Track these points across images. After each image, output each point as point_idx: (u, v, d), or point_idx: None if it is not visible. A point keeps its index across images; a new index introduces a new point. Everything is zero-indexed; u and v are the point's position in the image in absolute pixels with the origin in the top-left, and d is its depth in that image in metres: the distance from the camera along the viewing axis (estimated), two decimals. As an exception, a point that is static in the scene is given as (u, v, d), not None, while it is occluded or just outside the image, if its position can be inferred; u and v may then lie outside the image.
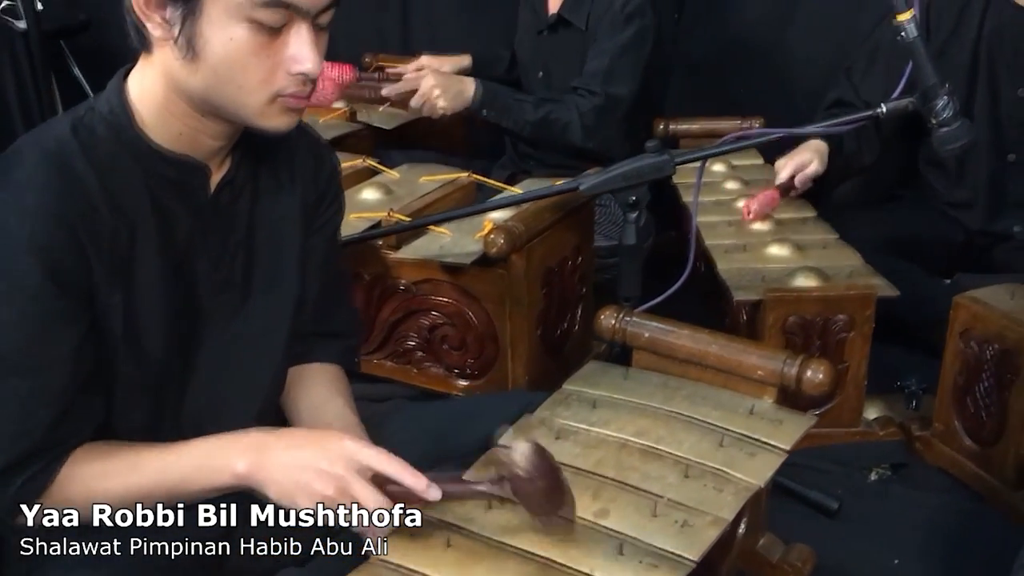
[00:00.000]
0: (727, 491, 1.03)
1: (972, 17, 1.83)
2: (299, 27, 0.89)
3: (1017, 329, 1.34)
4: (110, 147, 0.92)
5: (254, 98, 0.90)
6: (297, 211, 1.07)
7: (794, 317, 1.48)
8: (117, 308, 0.91)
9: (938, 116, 1.32)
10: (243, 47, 0.87)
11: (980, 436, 1.43)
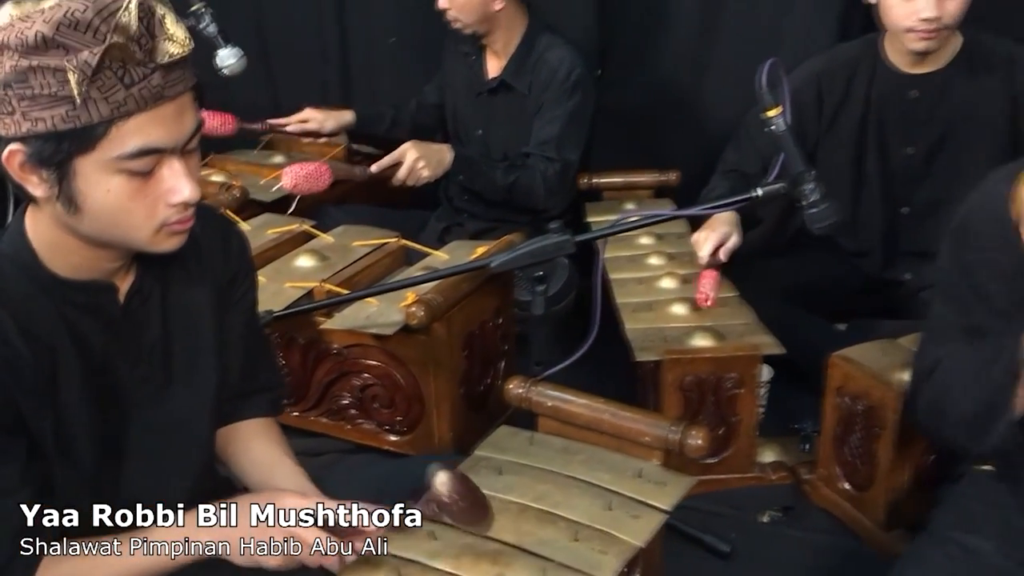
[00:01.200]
0: (611, 552, 1.17)
1: (860, 84, 1.98)
2: (170, 162, 0.96)
3: (882, 387, 1.50)
4: (19, 284, 1.00)
5: (142, 233, 0.98)
6: (209, 296, 1.16)
7: (690, 376, 1.63)
8: (47, 429, 1.00)
9: (807, 199, 1.47)
10: (122, 195, 0.95)
11: (856, 481, 1.58)
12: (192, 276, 1.14)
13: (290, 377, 1.77)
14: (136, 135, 0.92)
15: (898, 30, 1.83)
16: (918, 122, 1.94)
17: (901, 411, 1.46)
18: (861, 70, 1.97)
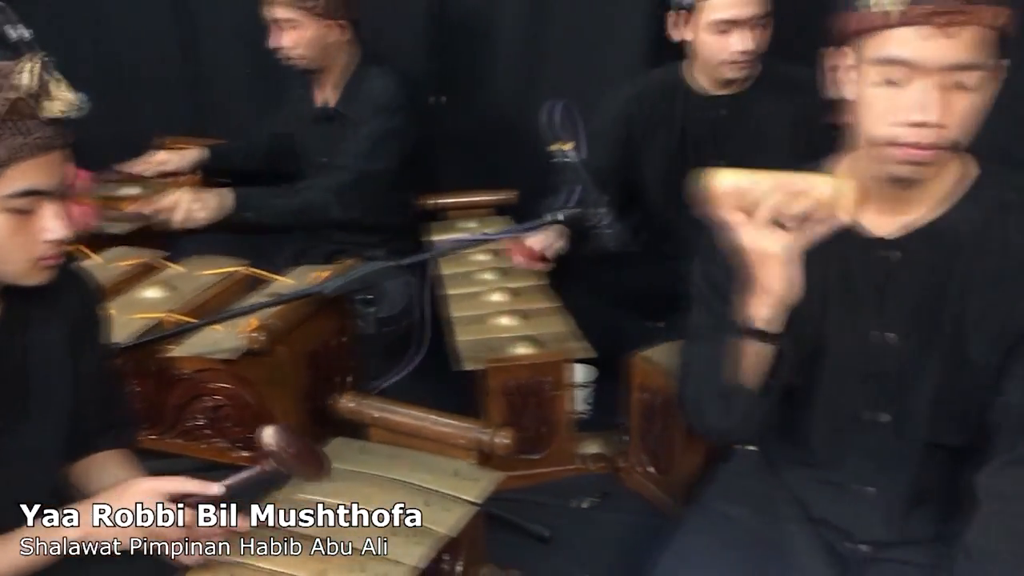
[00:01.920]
0: (424, 543, 1.34)
1: (675, 107, 2.21)
2: (50, 203, 1.13)
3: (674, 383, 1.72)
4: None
5: (17, 266, 1.15)
6: (66, 335, 1.29)
7: (512, 381, 1.82)
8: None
9: (601, 222, 1.68)
10: (5, 230, 1.11)
11: (658, 466, 1.80)
12: (51, 315, 1.27)
13: (144, 403, 1.88)
14: (24, 178, 1.10)
15: (714, 63, 2.06)
16: (724, 138, 2.18)
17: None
18: (672, 92, 2.20)
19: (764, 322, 1.25)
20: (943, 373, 1.33)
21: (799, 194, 1.17)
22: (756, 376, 1.31)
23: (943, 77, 1.16)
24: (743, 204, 1.19)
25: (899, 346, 1.34)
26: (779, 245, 1.18)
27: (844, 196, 1.17)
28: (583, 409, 2.07)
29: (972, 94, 1.18)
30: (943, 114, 1.17)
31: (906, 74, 1.18)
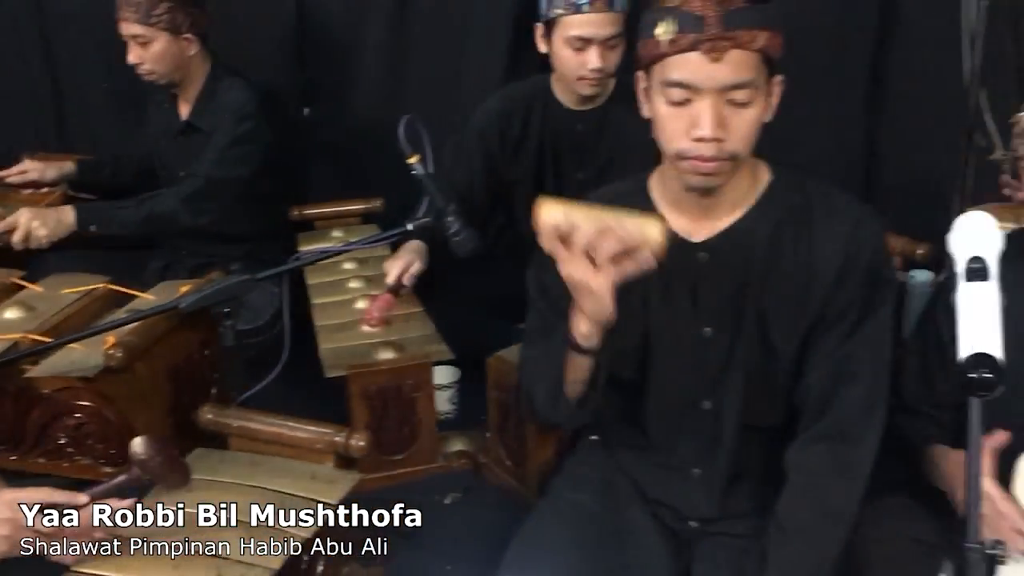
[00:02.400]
0: (280, 545, 1.40)
1: (536, 117, 2.30)
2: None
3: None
4: None
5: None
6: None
7: (373, 386, 1.88)
8: None
9: (450, 230, 1.76)
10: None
11: (515, 460, 1.90)
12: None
13: (4, 423, 1.87)
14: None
15: (571, 79, 2.16)
16: (585, 151, 2.28)
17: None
18: (536, 107, 2.29)
19: (582, 338, 1.36)
20: (753, 362, 1.46)
21: (613, 235, 1.27)
22: (579, 380, 1.42)
23: (717, 96, 1.29)
24: (564, 237, 1.29)
25: (714, 339, 1.47)
26: (592, 279, 1.28)
27: (654, 238, 1.27)
28: (448, 409, 2.16)
29: (745, 109, 1.32)
30: (720, 129, 1.31)
31: (686, 95, 1.31)
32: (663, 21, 1.31)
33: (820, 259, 1.41)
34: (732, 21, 1.28)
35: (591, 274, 1.28)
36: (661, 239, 1.27)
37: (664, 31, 1.30)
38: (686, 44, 1.29)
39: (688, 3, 1.29)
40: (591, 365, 1.40)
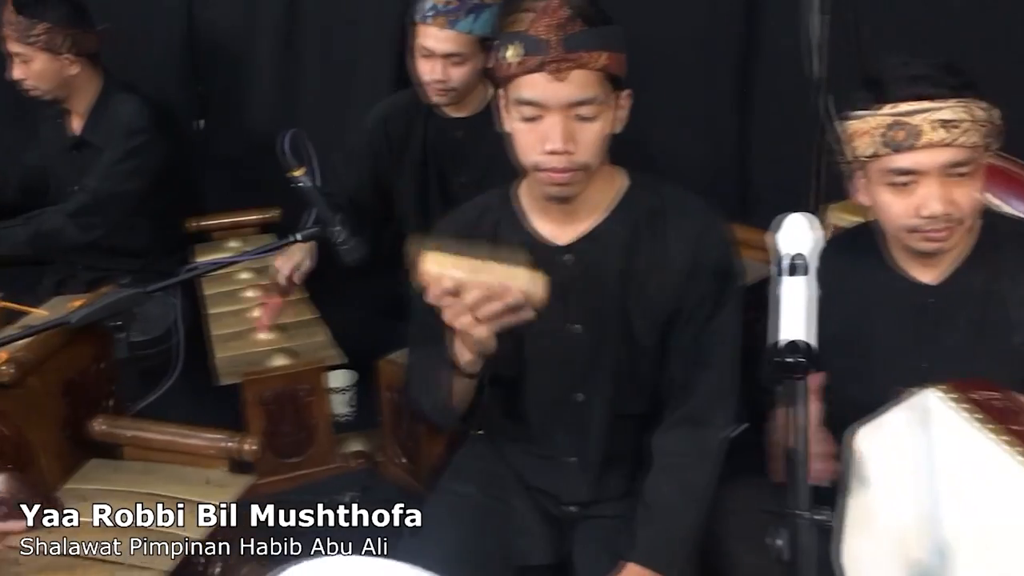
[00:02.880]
0: (173, 548, 1.46)
1: (418, 126, 2.38)
2: None
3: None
4: None
5: None
6: None
7: (268, 391, 1.95)
8: None
9: (337, 239, 1.83)
10: None
11: (409, 457, 1.99)
12: None
13: None
14: None
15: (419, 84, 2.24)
16: (465, 156, 2.37)
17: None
18: (418, 114, 2.37)
19: (466, 365, 1.45)
20: (619, 356, 1.58)
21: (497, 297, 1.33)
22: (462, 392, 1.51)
23: (564, 112, 1.41)
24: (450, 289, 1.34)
25: (583, 335, 1.58)
26: (475, 330, 1.36)
27: (535, 295, 1.35)
28: (347, 411, 2.23)
29: (592, 123, 1.43)
30: (569, 143, 1.42)
31: (537, 112, 1.42)
32: (512, 44, 1.41)
33: (674, 258, 1.53)
34: (573, 44, 1.39)
35: (474, 325, 1.36)
36: (542, 295, 1.35)
37: (513, 54, 1.40)
38: (533, 65, 1.39)
39: (533, 28, 1.40)
40: (472, 384, 1.50)
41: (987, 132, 1.43)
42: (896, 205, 1.47)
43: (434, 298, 1.37)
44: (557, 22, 1.40)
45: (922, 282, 1.56)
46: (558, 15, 1.40)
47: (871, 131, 1.46)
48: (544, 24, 1.40)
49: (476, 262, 1.37)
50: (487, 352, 1.40)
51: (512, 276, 1.35)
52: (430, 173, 2.40)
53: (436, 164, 2.39)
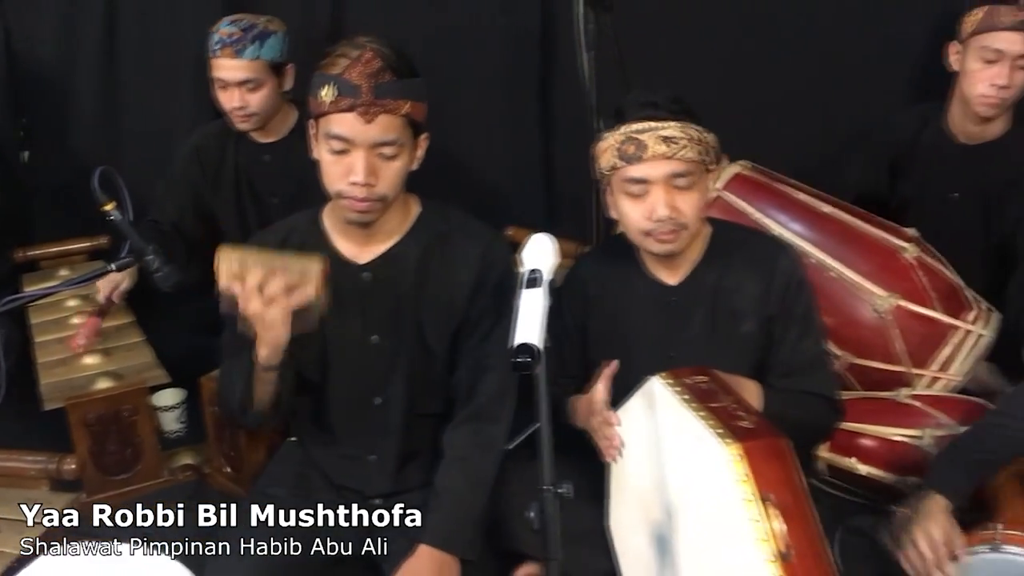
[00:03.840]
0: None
1: (230, 151, 2.49)
2: None
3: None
4: None
5: None
6: None
7: (92, 414, 2.04)
8: None
9: (152, 267, 1.96)
10: None
11: (234, 466, 2.13)
12: None
13: None
14: None
15: (223, 113, 2.38)
16: (276, 178, 2.49)
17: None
18: (229, 142, 2.49)
19: (264, 359, 1.62)
20: (414, 362, 1.77)
21: (279, 276, 1.53)
22: (267, 390, 1.68)
23: (368, 150, 1.60)
24: (239, 276, 1.54)
25: (380, 345, 1.76)
26: (265, 313, 1.54)
27: (312, 277, 1.55)
28: (177, 428, 2.34)
29: (393, 162, 1.63)
30: (371, 176, 1.61)
31: (344, 146, 1.61)
32: (327, 85, 1.59)
33: (460, 275, 1.74)
34: (381, 92, 1.58)
35: (264, 308, 1.54)
36: (321, 277, 1.54)
37: (327, 93, 1.58)
38: (345, 106, 1.58)
39: (347, 73, 1.58)
40: (275, 378, 1.66)
41: (702, 151, 1.69)
42: (633, 212, 1.72)
43: (224, 286, 1.54)
44: (369, 71, 1.58)
45: (667, 283, 1.82)
46: (371, 65, 1.58)
47: (610, 148, 1.70)
48: (357, 71, 1.58)
49: (263, 255, 1.57)
50: (280, 345, 1.58)
51: (291, 260, 1.56)
52: (244, 195, 2.53)
53: (250, 187, 2.52)
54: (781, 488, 1.33)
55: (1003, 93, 2.22)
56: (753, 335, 1.80)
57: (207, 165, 2.47)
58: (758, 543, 1.29)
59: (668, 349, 1.79)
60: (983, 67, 2.22)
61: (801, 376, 1.79)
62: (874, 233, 2.22)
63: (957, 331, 2.13)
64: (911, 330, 2.13)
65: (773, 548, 1.28)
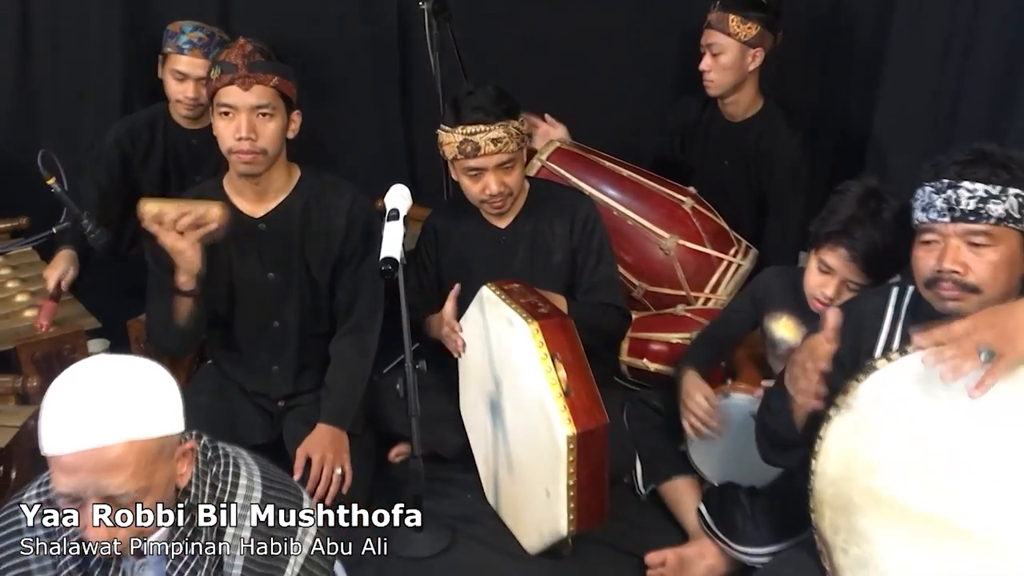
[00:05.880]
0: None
1: (159, 135, 2.88)
2: None
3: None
4: None
5: None
6: None
7: (39, 352, 2.48)
8: None
9: (86, 230, 2.41)
10: None
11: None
12: None
13: None
14: None
15: (173, 103, 2.83)
16: (200, 159, 2.91)
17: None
18: (158, 127, 2.91)
19: (182, 285, 2.12)
20: (303, 292, 2.31)
21: (188, 215, 2.04)
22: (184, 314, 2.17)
23: (249, 112, 2.11)
24: (159, 220, 2.04)
25: (276, 280, 2.29)
26: (179, 243, 2.05)
27: (215, 213, 2.07)
28: (104, 371, 2.79)
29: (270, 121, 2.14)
30: (251, 132, 2.12)
31: (230, 111, 2.12)
32: (214, 68, 2.14)
33: (334, 221, 2.29)
34: (254, 68, 2.12)
35: (178, 240, 2.05)
36: (220, 214, 2.06)
37: (214, 73, 2.12)
38: (227, 80, 2.10)
39: (227, 56, 2.12)
40: (191, 303, 2.16)
41: (520, 140, 2.29)
42: (472, 188, 2.31)
43: (148, 225, 2.03)
44: (244, 52, 2.12)
45: (498, 227, 2.42)
46: (245, 48, 2.13)
47: (451, 143, 2.27)
48: (235, 54, 2.12)
49: (175, 202, 2.09)
50: (193, 270, 2.09)
51: (199, 203, 2.07)
52: (171, 171, 2.95)
53: (176, 164, 2.94)
54: (565, 350, 1.94)
55: (707, 78, 2.88)
56: (562, 264, 2.42)
57: (137, 146, 2.88)
58: (550, 386, 1.89)
59: (500, 276, 2.39)
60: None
61: (596, 292, 2.42)
62: (661, 190, 2.87)
63: (723, 262, 2.80)
64: (689, 263, 2.80)
65: (560, 388, 1.89)
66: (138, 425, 1.23)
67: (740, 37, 2.82)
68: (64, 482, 1.21)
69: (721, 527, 2.01)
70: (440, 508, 2.23)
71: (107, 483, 1.20)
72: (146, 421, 1.24)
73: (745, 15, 2.80)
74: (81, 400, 1.21)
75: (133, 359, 1.32)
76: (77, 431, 1.19)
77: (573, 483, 1.87)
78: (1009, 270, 1.57)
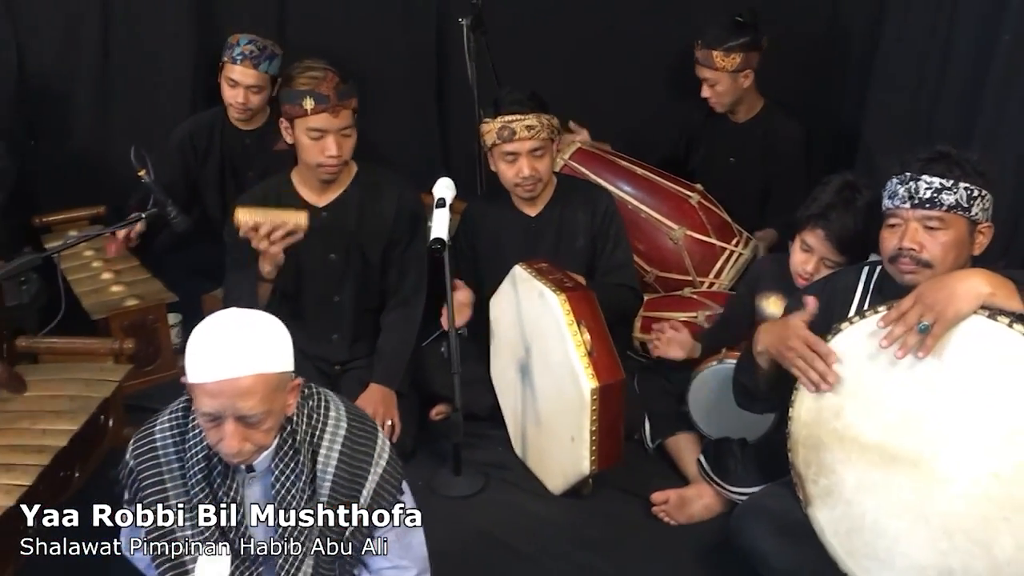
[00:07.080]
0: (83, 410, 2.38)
1: (217, 135, 3.25)
2: None
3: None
4: None
5: None
6: None
7: (127, 322, 2.86)
8: None
9: (170, 215, 2.76)
10: None
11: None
12: None
13: None
14: None
15: (228, 107, 3.21)
16: (253, 157, 3.28)
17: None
18: (216, 128, 3.29)
19: (267, 274, 2.48)
20: (358, 271, 2.67)
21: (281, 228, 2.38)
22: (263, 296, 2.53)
23: (336, 134, 2.47)
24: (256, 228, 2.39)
25: (336, 260, 2.66)
26: (271, 248, 2.39)
27: (302, 222, 2.40)
28: (177, 341, 3.15)
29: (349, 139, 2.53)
30: (339, 150, 2.49)
31: (320, 135, 2.48)
32: (307, 97, 2.46)
33: (386, 210, 2.65)
34: (341, 96, 2.47)
35: (271, 246, 2.40)
36: (306, 224, 2.41)
37: (308, 103, 2.46)
38: (320, 110, 2.46)
39: (320, 88, 2.45)
40: (270, 287, 2.53)
41: (551, 132, 2.65)
42: (508, 172, 2.66)
43: (244, 233, 2.40)
44: (333, 84, 2.47)
45: (528, 215, 2.77)
46: (333, 80, 2.47)
47: (491, 130, 2.64)
48: (326, 86, 2.46)
49: (267, 209, 2.44)
50: (278, 264, 2.45)
51: (288, 214, 2.43)
52: (227, 169, 3.34)
53: (231, 163, 3.33)
54: (588, 317, 2.29)
55: (711, 103, 3.25)
56: (584, 248, 2.77)
57: (198, 146, 3.27)
58: (576, 347, 2.25)
59: (529, 258, 2.75)
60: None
61: (613, 274, 2.77)
62: (671, 187, 3.22)
63: (726, 251, 3.15)
64: (695, 251, 3.14)
65: (584, 349, 2.24)
66: (265, 361, 1.56)
67: (727, 69, 3.17)
68: (208, 403, 1.54)
69: (716, 472, 2.36)
70: (474, 457, 2.59)
71: (241, 405, 1.53)
72: (271, 359, 1.58)
73: (726, 49, 3.14)
74: (222, 340, 1.55)
75: (259, 312, 1.66)
76: (220, 364, 1.52)
77: (596, 428, 2.23)
78: (957, 250, 1.90)
